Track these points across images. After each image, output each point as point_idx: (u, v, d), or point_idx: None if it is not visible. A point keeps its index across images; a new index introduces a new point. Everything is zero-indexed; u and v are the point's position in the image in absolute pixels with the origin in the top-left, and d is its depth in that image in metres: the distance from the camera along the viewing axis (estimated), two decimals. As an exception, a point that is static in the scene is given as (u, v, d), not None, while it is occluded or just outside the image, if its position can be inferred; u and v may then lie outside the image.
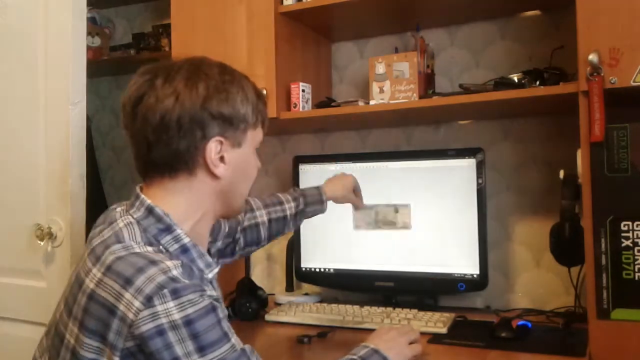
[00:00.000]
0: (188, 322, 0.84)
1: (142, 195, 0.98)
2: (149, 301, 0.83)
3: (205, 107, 0.95)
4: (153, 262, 0.87)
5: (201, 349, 0.84)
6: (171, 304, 0.83)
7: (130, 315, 0.83)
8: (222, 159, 0.98)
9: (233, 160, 1.00)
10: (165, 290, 0.84)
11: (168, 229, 0.96)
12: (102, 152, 2.51)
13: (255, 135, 1.05)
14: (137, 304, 0.83)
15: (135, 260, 0.88)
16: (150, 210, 0.97)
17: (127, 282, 0.85)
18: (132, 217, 0.96)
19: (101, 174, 2.47)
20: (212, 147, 0.97)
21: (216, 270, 1.03)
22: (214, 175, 0.98)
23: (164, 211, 0.97)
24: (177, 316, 0.83)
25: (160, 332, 0.83)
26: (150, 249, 0.92)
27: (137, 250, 0.90)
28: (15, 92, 1.77)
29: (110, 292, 0.86)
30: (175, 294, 0.84)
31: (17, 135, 1.76)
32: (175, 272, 0.87)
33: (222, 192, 1.02)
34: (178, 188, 0.98)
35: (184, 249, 0.97)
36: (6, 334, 1.76)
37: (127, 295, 0.84)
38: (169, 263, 0.88)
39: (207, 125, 0.95)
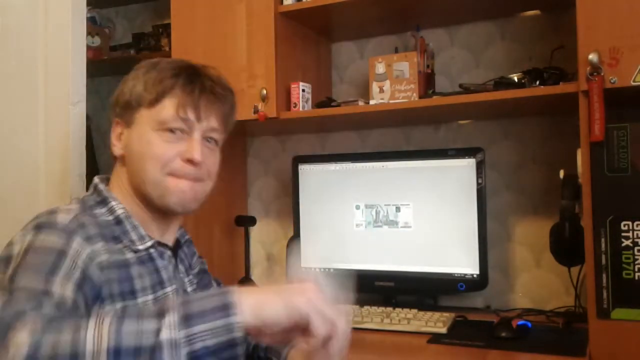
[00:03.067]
0: (27, 250, 0.84)
1: (96, 178, 1.06)
2: (18, 234, 0.89)
3: (113, 94, 1.06)
4: (50, 212, 0.92)
5: (14, 276, 0.81)
6: (29, 235, 0.87)
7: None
8: (120, 140, 1.05)
9: (125, 139, 1.04)
10: (34, 224, 0.89)
11: (104, 201, 1.01)
12: (102, 152, 2.51)
13: (151, 114, 1.00)
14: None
15: (42, 211, 0.94)
16: (95, 187, 1.04)
17: (24, 226, 0.91)
18: (80, 197, 1.04)
19: (101, 174, 2.46)
20: (113, 128, 1.05)
21: (149, 244, 1.01)
22: (116, 155, 1.05)
23: (106, 187, 1.04)
24: (25, 246, 0.85)
25: (6, 260, 0.85)
26: (75, 208, 0.96)
27: (58, 207, 0.96)
28: (15, 91, 1.77)
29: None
30: (39, 228, 0.88)
31: (17, 135, 1.76)
32: (58, 217, 0.90)
33: (130, 173, 1.03)
34: (118, 167, 1.07)
35: (118, 220, 0.99)
36: (6, 334, 1.75)
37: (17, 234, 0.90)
38: (62, 214, 0.91)
39: (111, 108, 1.06)
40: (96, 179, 1.06)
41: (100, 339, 0.68)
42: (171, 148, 0.99)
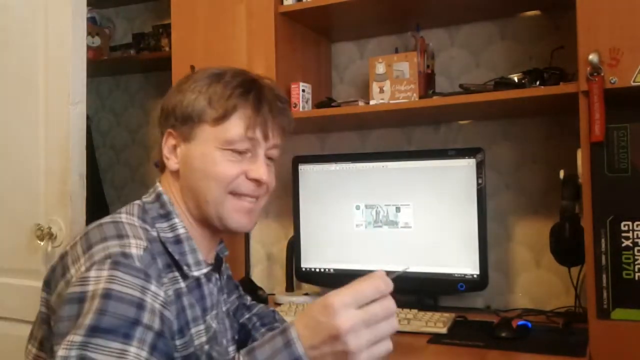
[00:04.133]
0: (106, 295, 0.76)
1: (158, 182, 1.00)
2: (91, 266, 0.80)
3: (165, 102, 0.99)
4: (120, 236, 0.85)
5: (93, 329, 0.73)
6: (105, 272, 0.79)
7: (73, 279, 0.82)
8: (175, 153, 0.98)
9: (183, 155, 0.97)
10: (109, 260, 0.81)
11: (167, 215, 0.96)
12: (102, 152, 2.51)
13: (216, 132, 0.94)
14: (83, 268, 0.81)
15: (108, 229, 0.87)
16: (158, 196, 0.98)
17: (89, 247, 0.84)
18: (141, 200, 0.98)
19: (101, 174, 2.47)
20: (165, 139, 0.99)
21: (204, 270, 0.96)
22: (171, 169, 0.99)
23: (171, 200, 0.97)
24: (102, 285, 0.77)
25: (80, 299, 0.78)
26: (137, 220, 0.91)
27: (121, 218, 0.90)
28: (15, 92, 1.77)
29: (72, 255, 0.86)
30: (115, 265, 0.80)
31: (17, 135, 1.76)
32: (133, 250, 0.83)
33: (185, 189, 0.98)
34: (170, 180, 1.00)
35: (178, 240, 0.94)
36: (6, 334, 1.76)
37: (82, 260, 0.83)
38: (133, 241, 0.85)
39: (164, 118, 0.99)
40: (160, 187, 0.99)
41: None
42: (236, 167, 0.95)
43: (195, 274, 0.94)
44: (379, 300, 0.73)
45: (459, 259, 1.63)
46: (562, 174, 1.43)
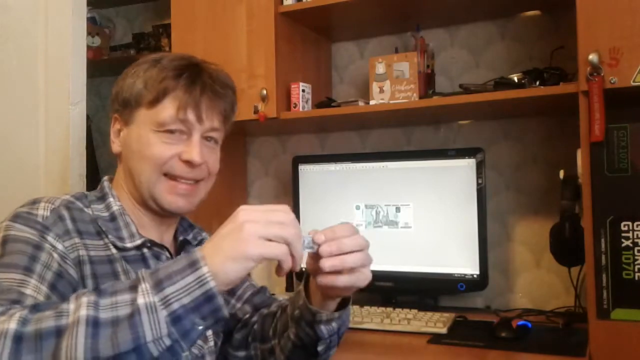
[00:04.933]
0: (3, 241, 0.86)
1: (106, 176, 1.06)
2: None
3: (113, 88, 1.04)
4: (33, 202, 0.93)
5: None
6: (4, 224, 0.89)
7: None
8: (119, 137, 1.03)
9: (124, 138, 1.01)
10: (15, 212, 0.91)
11: (103, 197, 1.01)
12: (102, 152, 2.51)
13: (151, 115, 0.96)
14: None
15: (28, 201, 0.95)
16: (101, 184, 1.05)
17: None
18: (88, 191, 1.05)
19: (101, 174, 2.47)
20: (112, 124, 1.04)
21: (137, 242, 0.98)
22: (115, 152, 1.04)
23: (109, 185, 1.03)
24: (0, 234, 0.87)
25: None
26: (71, 198, 0.98)
27: (43, 197, 0.97)
28: (15, 92, 1.77)
29: None
30: (15, 218, 0.89)
31: (17, 135, 1.76)
32: (38, 211, 0.91)
33: (126, 171, 1.02)
34: (118, 164, 1.06)
35: (112, 216, 0.98)
36: None
37: None
38: (42, 204, 0.93)
39: (111, 103, 1.04)
40: (105, 177, 1.06)
41: (79, 313, 0.68)
42: (169, 149, 0.96)
43: (128, 245, 0.97)
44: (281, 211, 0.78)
45: (459, 259, 1.63)
46: (562, 174, 1.43)
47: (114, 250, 0.95)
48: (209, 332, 1.06)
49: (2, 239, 0.87)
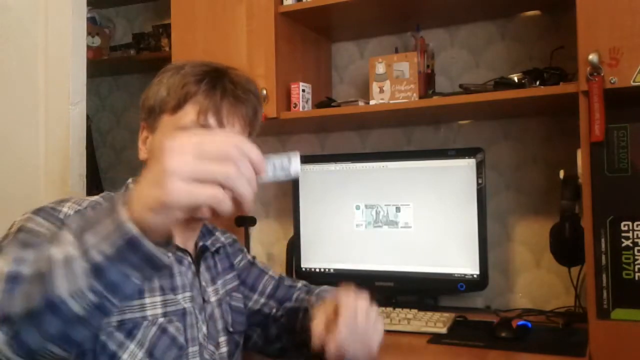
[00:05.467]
0: (19, 229, 0.85)
1: (130, 178, 1.06)
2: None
3: (141, 96, 1.04)
4: (60, 201, 0.92)
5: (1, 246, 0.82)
6: (25, 216, 0.87)
7: None
8: (145, 144, 1.04)
9: (149, 144, 1.02)
10: (39, 207, 0.89)
11: None
12: (102, 152, 2.51)
13: (173, 120, 0.96)
14: None
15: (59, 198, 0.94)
16: (126, 186, 1.05)
17: None
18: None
19: (101, 174, 2.47)
20: (140, 132, 1.04)
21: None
22: (141, 159, 1.04)
23: (134, 186, 1.03)
24: (17, 224, 0.86)
25: None
26: (99, 199, 0.98)
27: (72, 197, 0.96)
28: (15, 92, 1.77)
29: None
30: (37, 211, 0.88)
31: (17, 135, 1.76)
32: (63, 209, 0.90)
33: None
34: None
35: None
36: None
37: None
38: (69, 204, 0.92)
39: (139, 112, 1.05)
40: (130, 179, 1.05)
41: (2, 269, 0.65)
42: None
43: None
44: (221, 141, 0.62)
45: (459, 259, 1.63)
46: (562, 174, 1.43)
47: None
48: (222, 338, 1.07)
49: (18, 228, 0.85)
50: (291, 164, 0.71)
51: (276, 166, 0.70)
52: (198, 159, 0.60)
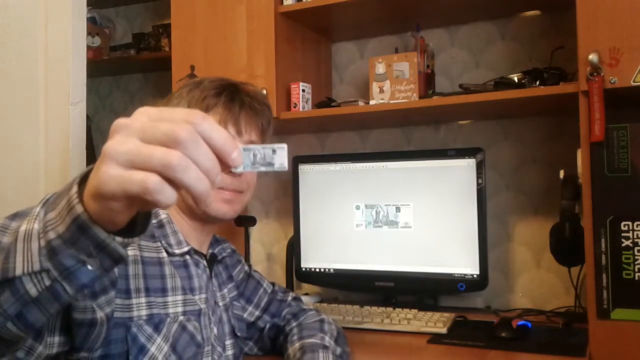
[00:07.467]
0: None
1: None
2: None
3: None
4: None
5: None
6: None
7: None
8: None
9: None
10: None
11: None
12: (102, 152, 2.51)
13: None
14: None
15: None
16: None
17: None
18: None
19: (101, 174, 2.46)
20: None
21: (185, 249, 1.03)
22: None
23: None
24: None
25: None
26: None
27: None
28: (15, 92, 1.77)
29: None
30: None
31: (17, 134, 1.76)
32: None
33: None
34: None
35: (160, 224, 1.02)
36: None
37: None
38: None
39: None
40: None
41: None
42: None
43: (177, 251, 1.02)
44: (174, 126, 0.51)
45: (459, 259, 1.63)
46: (562, 174, 1.43)
47: (164, 254, 1.00)
48: (229, 341, 1.12)
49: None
50: (275, 156, 0.61)
51: (256, 157, 0.59)
52: (140, 140, 0.50)
